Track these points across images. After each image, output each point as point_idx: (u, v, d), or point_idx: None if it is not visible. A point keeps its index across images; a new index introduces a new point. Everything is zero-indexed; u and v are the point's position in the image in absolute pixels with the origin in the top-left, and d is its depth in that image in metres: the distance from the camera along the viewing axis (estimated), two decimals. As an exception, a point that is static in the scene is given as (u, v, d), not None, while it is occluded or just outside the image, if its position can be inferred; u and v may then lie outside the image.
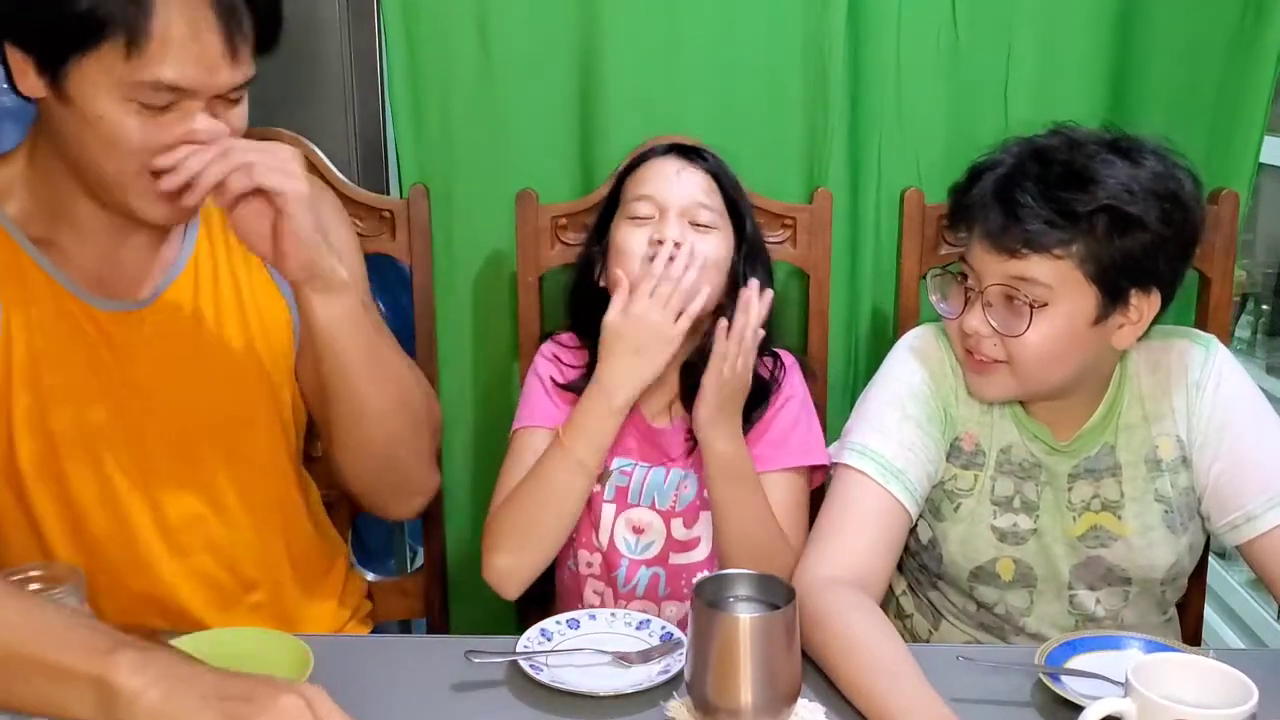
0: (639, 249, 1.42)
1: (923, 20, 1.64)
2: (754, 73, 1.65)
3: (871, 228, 1.71)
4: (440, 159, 1.67)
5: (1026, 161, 1.32)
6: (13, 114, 1.88)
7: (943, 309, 1.40)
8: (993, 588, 1.44)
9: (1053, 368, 1.34)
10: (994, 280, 1.31)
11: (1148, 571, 1.42)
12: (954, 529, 1.43)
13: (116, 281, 1.29)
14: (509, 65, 1.63)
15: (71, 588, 1.03)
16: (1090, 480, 1.41)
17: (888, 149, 1.69)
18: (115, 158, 1.17)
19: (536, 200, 1.65)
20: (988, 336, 1.33)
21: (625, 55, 1.63)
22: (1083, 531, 1.41)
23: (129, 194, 1.20)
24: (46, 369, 1.25)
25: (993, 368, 1.35)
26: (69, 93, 1.14)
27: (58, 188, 1.24)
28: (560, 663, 1.20)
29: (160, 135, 1.16)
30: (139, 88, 1.13)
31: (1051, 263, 1.29)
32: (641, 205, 1.45)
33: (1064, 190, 1.28)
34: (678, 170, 1.46)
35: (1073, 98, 1.67)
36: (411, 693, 1.18)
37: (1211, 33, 1.65)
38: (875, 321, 1.75)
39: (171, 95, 1.14)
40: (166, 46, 1.12)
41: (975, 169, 1.38)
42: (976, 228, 1.34)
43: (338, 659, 1.20)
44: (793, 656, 1.06)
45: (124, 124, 1.14)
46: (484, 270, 1.71)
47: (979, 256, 1.34)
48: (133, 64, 1.12)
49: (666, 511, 1.49)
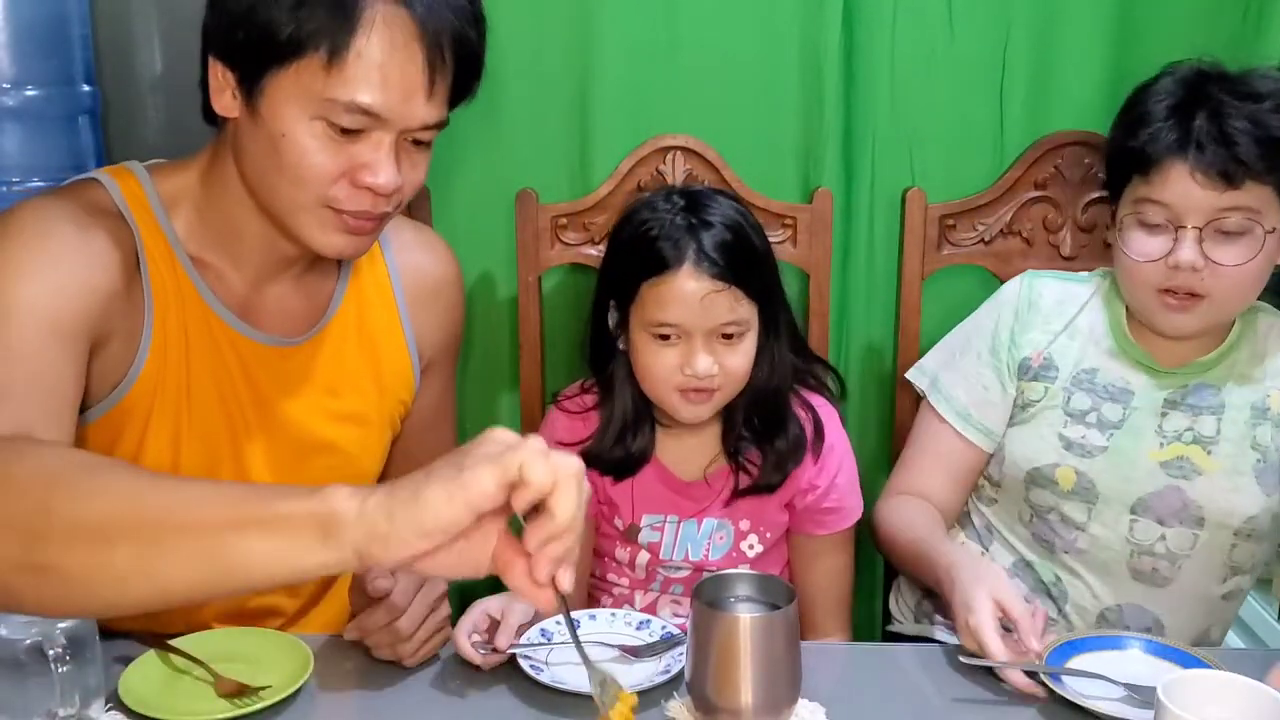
0: (667, 375, 1.39)
1: (918, 20, 1.64)
2: (750, 72, 1.65)
3: (866, 227, 1.71)
4: (440, 159, 1.66)
5: (1213, 90, 1.34)
6: (13, 113, 1.88)
7: (1136, 252, 1.38)
8: (1049, 492, 1.46)
9: (1249, 295, 1.39)
10: (1209, 214, 1.33)
11: (1224, 516, 1.42)
12: (1019, 430, 1.48)
13: (261, 313, 1.27)
14: (509, 65, 1.63)
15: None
16: (1188, 413, 1.43)
17: (883, 149, 1.69)
18: (297, 180, 1.14)
19: (536, 200, 1.65)
20: (1200, 270, 1.34)
21: (624, 55, 1.63)
22: (1167, 459, 1.43)
23: (304, 221, 1.17)
24: (191, 386, 1.23)
25: (1193, 303, 1.36)
26: (261, 110, 1.13)
27: (228, 210, 1.22)
28: (560, 661, 1.20)
29: (344, 162, 1.13)
30: (332, 106, 1.10)
31: (1262, 189, 1.32)
32: (666, 328, 1.38)
33: (1274, 116, 1.31)
34: (702, 297, 1.35)
35: (1069, 98, 1.67)
36: (411, 693, 1.18)
37: (1212, 34, 1.64)
38: (875, 321, 1.75)
39: (363, 120, 1.11)
40: (367, 67, 1.10)
41: (1142, 109, 1.39)
42: (1180, 163, 1.33)
43: (338, 659, 1.20)
44: (793, 656, 1.06)
45: (310, 145, 1.12)
46: (484, 270, 1.71)
47: (1185, 192, 1.33)
48: (330, 81, 1.10)
49: (700, 562, 1.48)
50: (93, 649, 1.04)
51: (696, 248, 1.35)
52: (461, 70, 1.17)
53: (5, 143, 1.89)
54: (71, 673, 1.01)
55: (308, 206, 1.16)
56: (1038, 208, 1.69)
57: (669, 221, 1.38)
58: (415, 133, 1.16)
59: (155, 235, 1.21)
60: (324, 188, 1.14)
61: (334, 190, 1.15)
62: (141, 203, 1.21)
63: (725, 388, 1.40)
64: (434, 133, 1.19)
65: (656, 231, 1.38)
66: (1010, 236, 1.70)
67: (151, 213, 1.21)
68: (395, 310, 1.37)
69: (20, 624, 1.00)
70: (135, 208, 1.20)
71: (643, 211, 1.42)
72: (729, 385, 1.41)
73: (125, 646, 1.19)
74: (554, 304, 1.72)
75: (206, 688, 1.14)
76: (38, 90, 1.88)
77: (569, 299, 1.74)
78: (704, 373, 1.37)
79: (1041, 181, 1.68)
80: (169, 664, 1.17)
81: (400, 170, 1.16)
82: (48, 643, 1.00)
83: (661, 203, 1.42)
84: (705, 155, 1.65)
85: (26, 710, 1.01)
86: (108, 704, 1.09)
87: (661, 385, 1.40)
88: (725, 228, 1.38)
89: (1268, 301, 1.46)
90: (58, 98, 1.90)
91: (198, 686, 1.14)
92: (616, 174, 1.66)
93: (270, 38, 1.10)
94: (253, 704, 1.09)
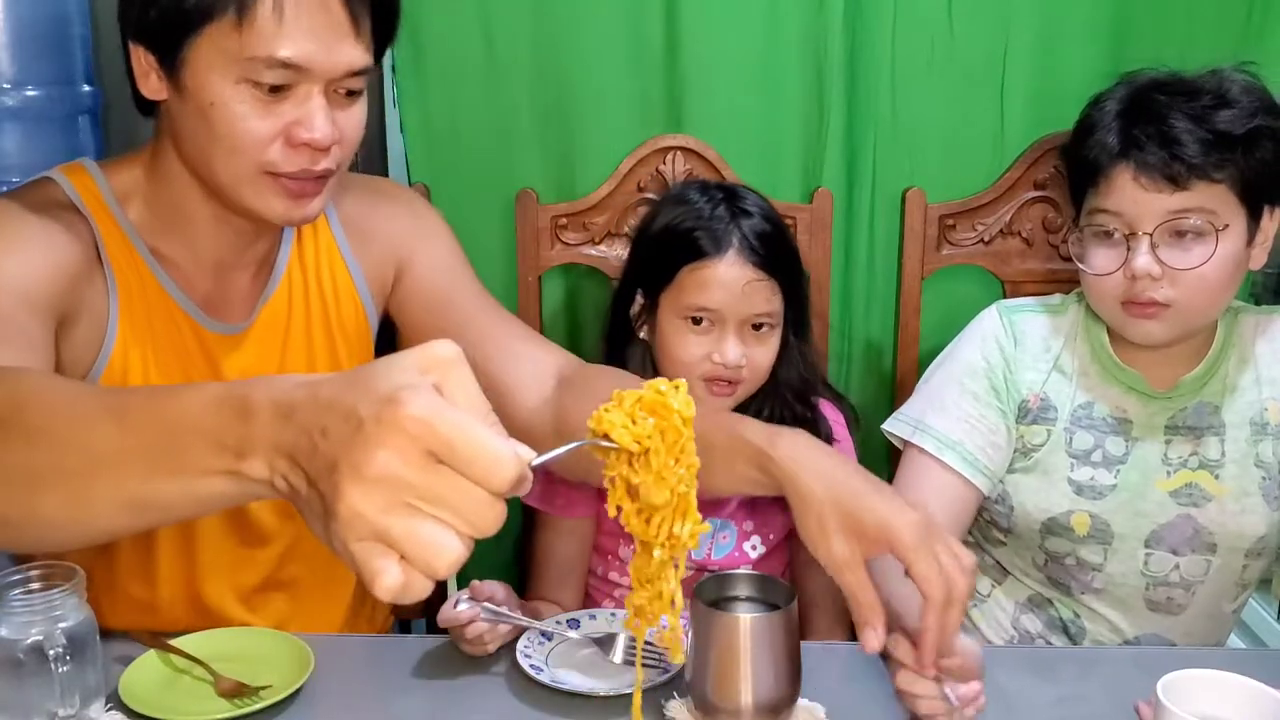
0: (694, 362, 1.41)
1: (919, 20, 1.64)
2: (750, 73, 1.65)
3: (866, 227, 1.71)
4: (440, 159, 1.67)
5: (1158, 95, 1.33)
6: (13, 113, 1.88)
7: (1094, 266, 1.37)
8: (1065, 540, 1.44)
9: (1218, 299, 1.35)
10: (1159, 218, 1.31)
11: (1235, 540, 1.41)
12: (1026, 479, 1.44)
13: (222, 301, 1.27)
14: (510, 65, 1.63)
15: (72, 588, 1.03)
16: (1190, 437, 1.41)
17: (883, 149, 1.69)
18: (233, 148, 1.13)
19: (536, 200, 1.65)
20: (1158, 278, 1.32)
21: (625, 55, 1.63)
22: (1176, 487, 1.41)
23: (246, 193, 1.16)
24: (157, 378, 1.22)
25: (1157, 312, 1.33)
26: (186, 83, 1.12)
27: (176, 196, 1.21)
28: (561, 662, 1.20)
29: (276, 123, 1.12)
30: (253, 65, 1.09)
31: (1213, 188, 1.30)
32: (702, 313, 1.40)
33: (1215, 112, 1.29)
34: (744, 284, 1.39)
35: (1069, 98, 1.65)
36: (411, 693, 1.18)
37: (1216, 32, 1.64)
38: (875, 322, 1.75)
39: (287, 74, 1.10)
40: (279, 19, 1.08)
41: (1090, 119, 1.38)
42: (1125, 169, 1.32)
43: (338, 659, 1.20)
44: (793, 657, 1.06)
45: (239, 110, 1.10)
46: (484, 270, 1.69)
47: (1133, 199, 1.32)
48: (245, 39, 1.08)
49: (702, 562, 1.48)
50: (93, 649, 1.04)
51: (741, 236, 1.40)
52: (380, 11, 1.16)
53: (5, 143, 1.89)
54: (71, 673, 1.01)
55: (248, 177, 1.15)
56: (1037, 208, 1.69)
57: (711, 210, 1.42)
58: (342, 81, 1.14)
59: (113, 229, 1.20)
60: (261, 152, 1.13)
61: (270, 154, 1.13)
62: (96, 198, 1.21)
63: (748, 381, 1.43)
64: (362, 79, 1.17)
65: (701, 217, 1.41)
66: (1010, 236, 1.70)
67: (107, 207, 1.21)
68: (339, 256, 1.35)
69: (20, 624, 1.00)
70: (90, 203, 1.20)
71: (680, 201, 1.45)
72: (751, 380, 1.43)
73: (125, 646, 1.19)
74: (554, 304, 1.72)
75: (206, 687, 1.14)
76: (38, 90, 1.88)
77: (569, 299, 1.74)
78: (733, 361, 1.39)
79: (1041, 181, 1.68)
80: (169, 664, 1.17)
81: (335, 123, 1.14)
82: (48, 643, 1.00)
83: (696, 193, 1.45)
84: (705, 155, 1.65)
85: (26, 710, 1.01)
86: (108, 704, 1.08)
87: (687, 373, 1.41)
88: (765, 220, 1.43)
89: (1268, 303, 1.46)
90: (58, 98, 1.90)
91: (198, 686, 1.14)
92: (616, 174, 1.66)
93: (178, 7, 1.09)
94: (253, 704, 1.09)
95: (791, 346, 1.47)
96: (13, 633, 1.00)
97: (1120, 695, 1.14)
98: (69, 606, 1.02)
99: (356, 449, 0.62)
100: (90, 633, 1.04)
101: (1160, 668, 1.00)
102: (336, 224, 1.35)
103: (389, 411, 0.62)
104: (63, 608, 1.02)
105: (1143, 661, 1.24)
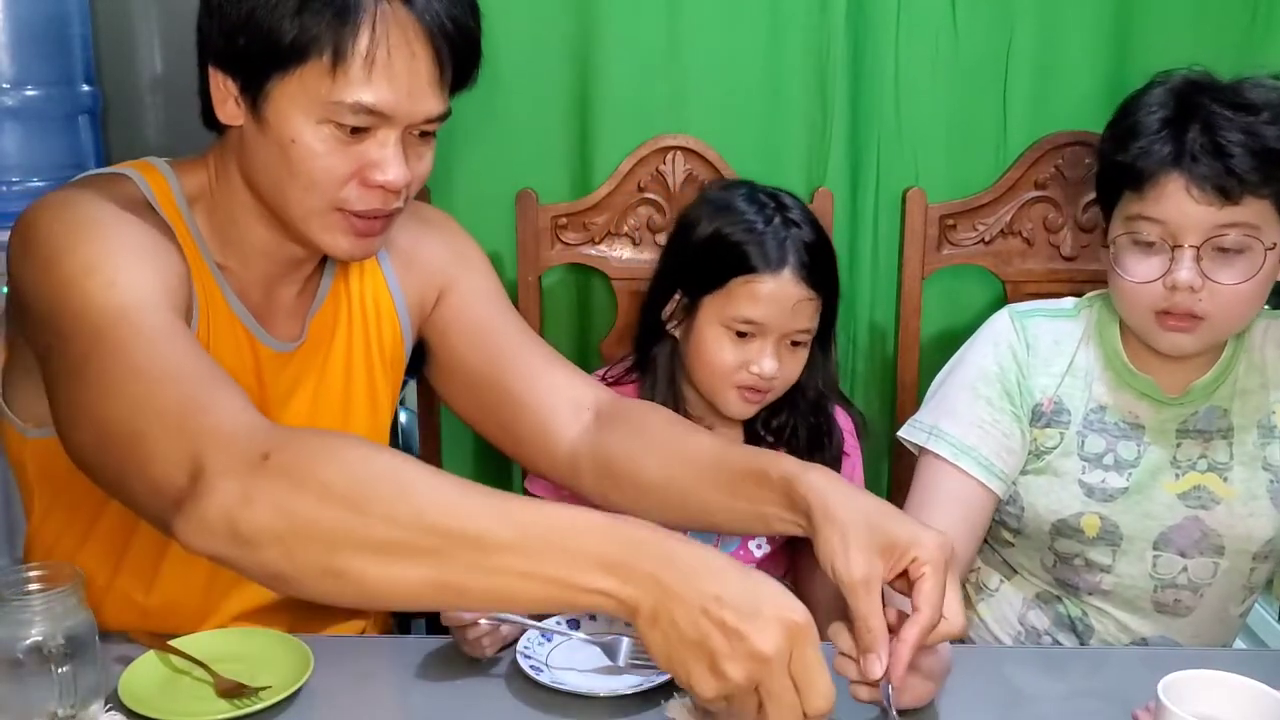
0: (729, 370, 1.42)
1: (922, 21, 1.64)
2: (752, 72, 1.65)
3: (870, 228, 1.71)
4: (440, 159, 1.66)
5: (1203, 99, 1.30)
6: (13, 113, 1.88)
7: (1133, 274, 1.34)
8: (1075, 541, 1.44)
9: (1249, 313, 1.35)
10: (1207, 232, 1.29)
11: (1243, 542, 1.41)
12: (1037, 481, 1.43)
13: (268, 316, 1.27)
14: (510, 65, 1.63)
15: (71, 587, 1.03)
16: (1199, 440, 1.41)
17: (886, 149, 1.69)
18: (310, 185, 1.13)
19: (536, 200, 1.65)
20: (1199, 290, 1.30)
21: (625, 55, 1.63)
22: (1184, 490, 1.41)
23: (315, 225, 1.16)
24: None
25: (1191, 325, 1.32)
26: (267, 116, 1.12)
27: (235, 212, 1.21)
28: (561, 663, 1.20)
29: (353, 162, 1.13)
30: (338, 109, 1.10)
31: (1259, 203, 1.29)
32: (748, 326, 1.41)
33: (1266, 126, 1.28)
34: (795, 302, 1.40)
35: (1071, 98, 1.67)
36: (411, 693, 1.18)
37: (1218, 36, 1.64)
38: (875, 321, 1.75)
39: (369, 119, 1.11)
40: (371, 68, 1.09)
41: (1134, 122, 1.34)
42: (1176, 178, 1.29)
43: (338, 659, 1.20)
44: (793, 657, 1.05)
45: (319, 149, 1.11)
46: (484, 270, 1.71)
47: (1181, 209, 1.29)
48: (336, 84, 1.09)
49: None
50: (93, 649, 1.04)
51: (797, 253, 1.40)
52: (461, 60, 1.17)
53: (5, 143, 1.90)
54: (71, 673, 1.01)
55: (320, 211, 1.16)
56: (1038, 208, 1.69)
57: (765, 223, 1.41)
58: (420, 126, 1.16)
59: (185, 234, 1.20)
60: (336, 190, 1.14)
61: (345, 192, 1.14)
62: (170, 201, 1.20)
63: (775, 391, 1.44)
64: (438, 124, 1.18)
65: (755, 230, 1.41)
66: (1010, 236, 1.70)
67: (179, 211, 1.20)
68: (382, 279, 1.35)
69: (20, 624, 1.00)
70: (165, 205, 1.19)
71: (727, 207, 1.44)
72: (778, 389, 1.44)
73: (125, 647, 1.19)
74: (554, 304, 1.72)
75: (206, 688, 1.13)
76: (38, 90, 1.88)
77: (569, 299, 1.74)
78: (769, 374, 1.41)
79: (1042, 181, 1.68)
80: (169, 664, 1.17)
81: (408, 164, 1.16)
82: (47, 643, 1.00)
83: (744, 202, 1.44)
84: (706, 155, 1.65)
85: (26, 710, 1.01)
86: (107, 704, 1.08)
87: (721, 379, 1.42)
88: (818, 237, 1.44)
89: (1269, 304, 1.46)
90: (58, 98, 1.91)
91: (197, 687, 1.14)
92: (616, 174, 1.66)
93: (273, 45, 1.09)
94: (252, 704, 1.09)
95: (817, 357, 1.48)
96: (13, 633, 1.00)
97: (1124, 694, 1.14)
98: (69, 607, 1.02)
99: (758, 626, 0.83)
100: (90, 633, 1.04)
101: (1165, 667, 0.99)
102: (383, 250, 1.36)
103: (784, 614, 0.84)
104: (63, 608, 1.01)
105: (1148, 661, 1.24)
